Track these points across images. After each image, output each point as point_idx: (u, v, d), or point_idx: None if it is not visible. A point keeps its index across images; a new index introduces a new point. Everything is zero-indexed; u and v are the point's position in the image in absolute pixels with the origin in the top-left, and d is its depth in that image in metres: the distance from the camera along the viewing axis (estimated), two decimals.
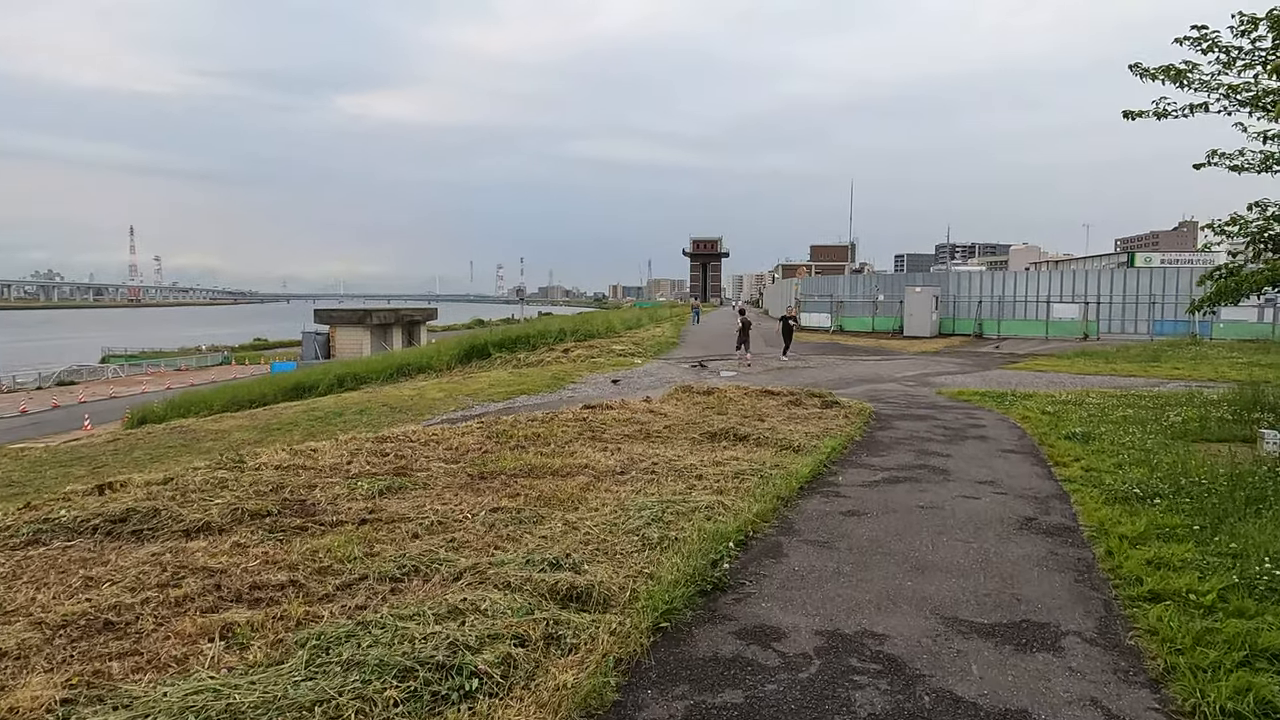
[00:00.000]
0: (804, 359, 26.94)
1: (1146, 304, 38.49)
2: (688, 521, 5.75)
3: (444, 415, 16.18)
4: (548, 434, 9.28)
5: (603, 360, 25.83)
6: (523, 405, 17.25)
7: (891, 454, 9.25)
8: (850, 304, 44.06)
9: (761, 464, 7.79)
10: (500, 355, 28.96)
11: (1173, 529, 5.86)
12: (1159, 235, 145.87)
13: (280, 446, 8.31)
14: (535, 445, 8.66)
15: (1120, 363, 24.99)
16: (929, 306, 38.31)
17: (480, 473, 7.26)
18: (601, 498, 6.43)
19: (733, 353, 28.80)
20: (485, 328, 54.94)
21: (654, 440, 9.10)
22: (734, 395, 12.92)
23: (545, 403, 17.41)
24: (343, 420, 16.32)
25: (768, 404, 12.40)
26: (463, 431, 9.31)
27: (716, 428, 9.65)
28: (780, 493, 6.79)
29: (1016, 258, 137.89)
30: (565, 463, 7.65)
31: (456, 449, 8.34)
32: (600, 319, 38.36)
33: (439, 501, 6.24)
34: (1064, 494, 7.32)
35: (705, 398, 12.66)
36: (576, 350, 28.18)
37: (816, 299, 46.43)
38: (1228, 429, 10.54)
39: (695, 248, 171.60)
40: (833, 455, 8.80)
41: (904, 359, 27.24)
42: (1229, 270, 13.31)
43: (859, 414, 12.23)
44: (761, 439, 9.11)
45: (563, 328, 32.63)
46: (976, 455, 9.31)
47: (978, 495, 7.21)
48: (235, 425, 16.53)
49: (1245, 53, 9.42)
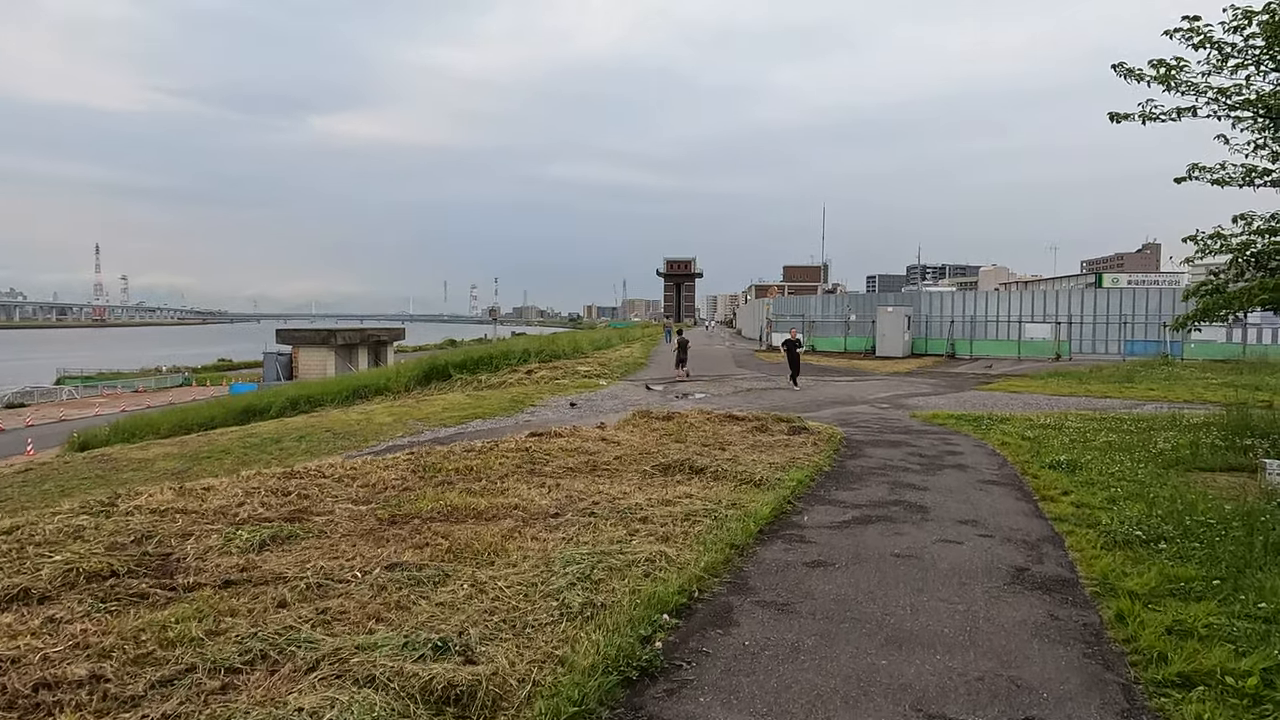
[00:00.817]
0: (774, 380, 26.16)
1: (1117, 324, 38.31)
2: (621, 580, 4.81)
3: (389, 442, 15.12)
4: (482, 467, 8.31)
5: (567, 382, 24.87)
6: (475, 430, 16.23)
7: (863, 487, 8.38)
8: (822, 324, 43.52)
9: (717, 502, 6.88)
10: (461, 377, 27.87)
11: (1188, 583, 5.03)
12: (1124, 257, 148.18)
13: (169, 484, 7.26)
14: (465, 481, 7.68)
15: (1094, 383, 24.49)
16: (901, 326, 37.82)
17: (392, 516, 6.27)
18: (525, 548, 5.48)
19: (702, 374, 27.96)
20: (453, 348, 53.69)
21: (600, 474, 8.15)
22: (695, 421, 12.02)
23: (499, 427, 16.41)
24: (279, 447, 15.19)
25: (731, 430, 11.51)
26: (387, 464, 8.31)
27: (671, 459, 8.73)
28: (735, 539, 5.88)
29: (986, 278, 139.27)
30: (493, 503, 6.68)
31: (373, 486, 7.34)
32: (567, 339, 37.38)
33: (329, 555, 5.25)
34: (1056, 536, 6.47)
35: (664, 424, 11.75)
36: (541, 372, 27.18)
37: (788, 319, 45.82)
38: (1222, 457, 9.82)
39: (669, 268, 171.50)
40: (798, 490, 7.91)
41: (877, 380, 26.57)
42: (1214, 287, 12.72)
43: (829, 441, 11.38)
44: (720, 472, 8.20)
45: (527, 348, 31.61)
46: (956, 488, 8.48)
47: (960, 539, 6.34)
48: (163, 453, 15.33)
49: (1238, 50, 8.79)
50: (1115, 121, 9.71)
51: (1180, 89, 9.34)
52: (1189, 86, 9.33)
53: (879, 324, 38.32)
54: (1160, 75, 9.40)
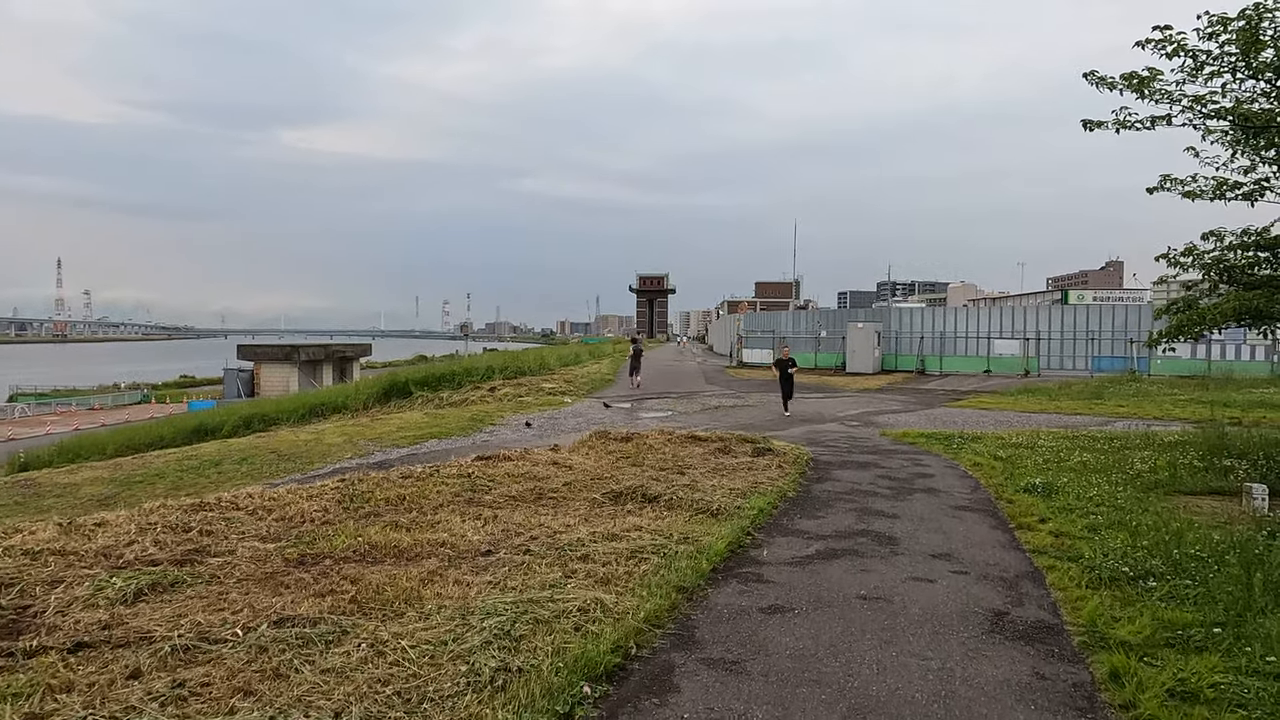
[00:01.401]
0: (744, 396, 25.65)
1: (1084, 340, 38.39)
2: (547, 636, 4.17)
3: (335, 464, 14.33)
4: (418, 495, 7.62)
5: (530, 400, 24.15)
6: (428, 451, 15.49)
7: (829, 515, 7.81)
8: (793, 340, 43.17)
9: (668, 536, 6.25)
10: (422, 394, 27.02)
11: (1185, 629, 4.50)
12: (1088, 274, 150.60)
13: (56, 519, 6.51)
14: (395, 512, 6.99)
15: (1064, 400, 24.28)
16: (871, 343, 37.59)
17: (301, 556, 5.57)
18: (445, 594, 4.81)
19: (670, 391, 27.39)
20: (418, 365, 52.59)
21: (545, 503, 7.50)
22: (655, 442, 11.40)
23: (453, 448, 15.67)
24: (218, 471, 14.33)
25: (692, 452, 10.90)
26: (311, 494, 7.58)
27: (625, 485, 8.09)
28: (684, 579, 5.26)
29: (955, 295, 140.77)
30: (419, 539, 6.00)
31: (290, 520, 6.63)
32: (533, 356, 36.65)
33: (213, 607, 4.55)
34: (1036, 571, 5.93)
35: (622, 445, 11.12)
36: (504, 389, 26.43)
37: (759, 335, 45.51)
38: (1202, 479, 9.39)
39: (642, 284, 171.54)
40: (759, 519, 7.31)
41: (847, 396, 26.17)
42: (1186, 303, 12.40)
43: (795, 462, 10.82)
44: (675, 500, 7.58)
45: (491, 365, 30.82)
46: (927, 515, 7.93)
47: (933, 576, 5.77)
48: (92, 477, 14.39)
49: (1212, 58, 8.44)
50: (1089, 129, 9.33)
51: (1154, 97, 8.99)
52: (1163, 95, 8.97)
53: (849, 340, 38.07)
54: (1133, 85, 9.05)
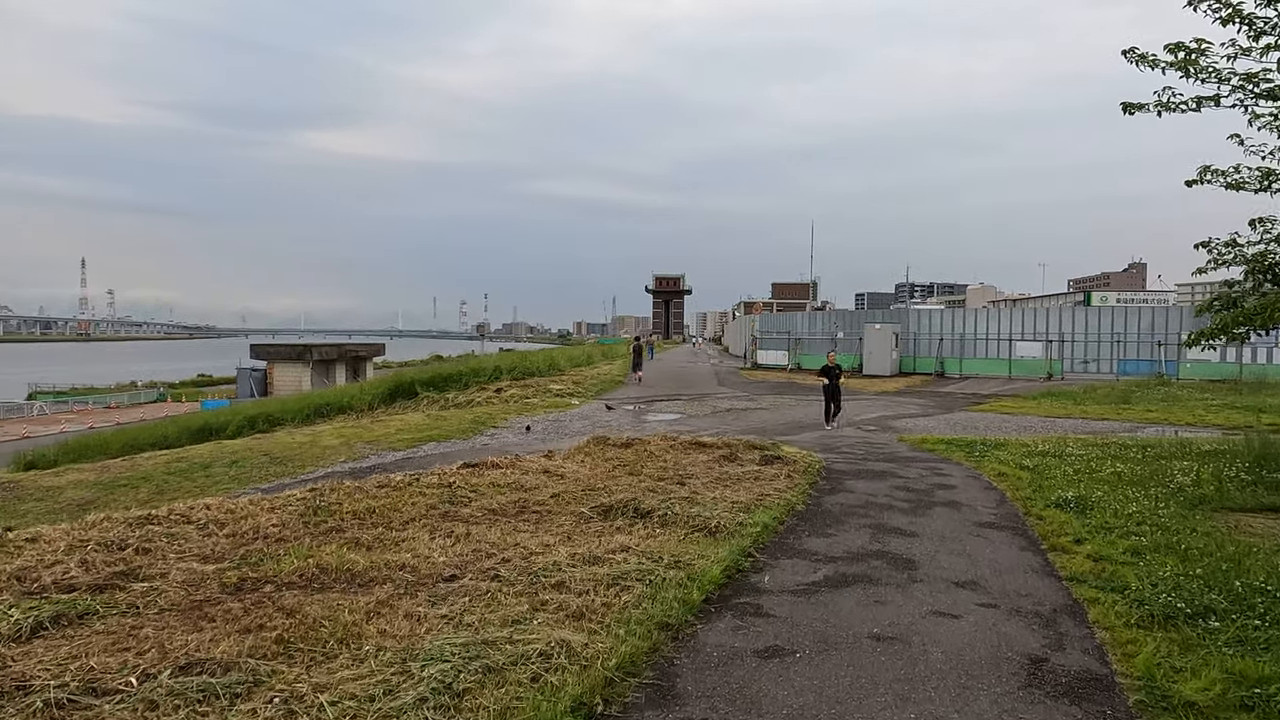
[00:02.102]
0: (757, 399, 24.92)
1: (1109, 343, 37.35)
2: (498, 689, 3.50)
3: (327, 468, 13.76)
4: (389, 507, 6.98)
5: (536, 401, 23.54)
6: (425, 455, 14.89)
7: (840, 533, 7.10)
8: (809, 341, 42.38)
9: (657, 559, 5.57)
10: (428, 395, 26.48)
11: (1263, 685, 3.77)
12: (1110, 276, 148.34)
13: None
14: (360, 527, 6.36)
15: (1090, 404, 23.35)
16: (889, 344, 36.70)
17: (240, 580, 4.95)
18: (390, 632, 4.16)
19: (681, 393, 26.72)
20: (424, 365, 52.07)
21: (527, 518, 6.84)
22: (656, 448, 10.72)
23: (451, 451, 15.07)
24: (207, 474, 13.81)
25: (695, 460, 10.20)
26: (274, 505, 6.97)
27: (617, 498, 7.41)
28: (670, 614, 4.58)
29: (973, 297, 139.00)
30: (378, 560, 5.36)
31: (241, 536, 6.01)
32: (542, 356, 36.05)
33: (119, 646, 3.92)
34: (1076, 605, 5.20)
35: (621, 452, 10.44)
36: (511, 390, 25.84)
37: (774, 336, 44.71)
38: (1252, 494, 8.58)
39: (658, 285, 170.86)
40: (762, 538, 6.61)
41: (863, 400, 25.36)
42: (1229, 300, 11.59)
43: (805, 471, 10.10)
44: (670, 515, 6.89)
45: (498, 365, 30.24)
46: (949, 533, 7.20)
47: (957, 610, 5.06)
48: (76, 480, 13.90)
49: (1273, 27, 7.64)
50: (1129, 113, 8.56)
51: (1201, 75, 8.21)
52: (1211, 73, 8.19)
53: (866, 341, 37.19)
54: (1178, 61, 8.26)
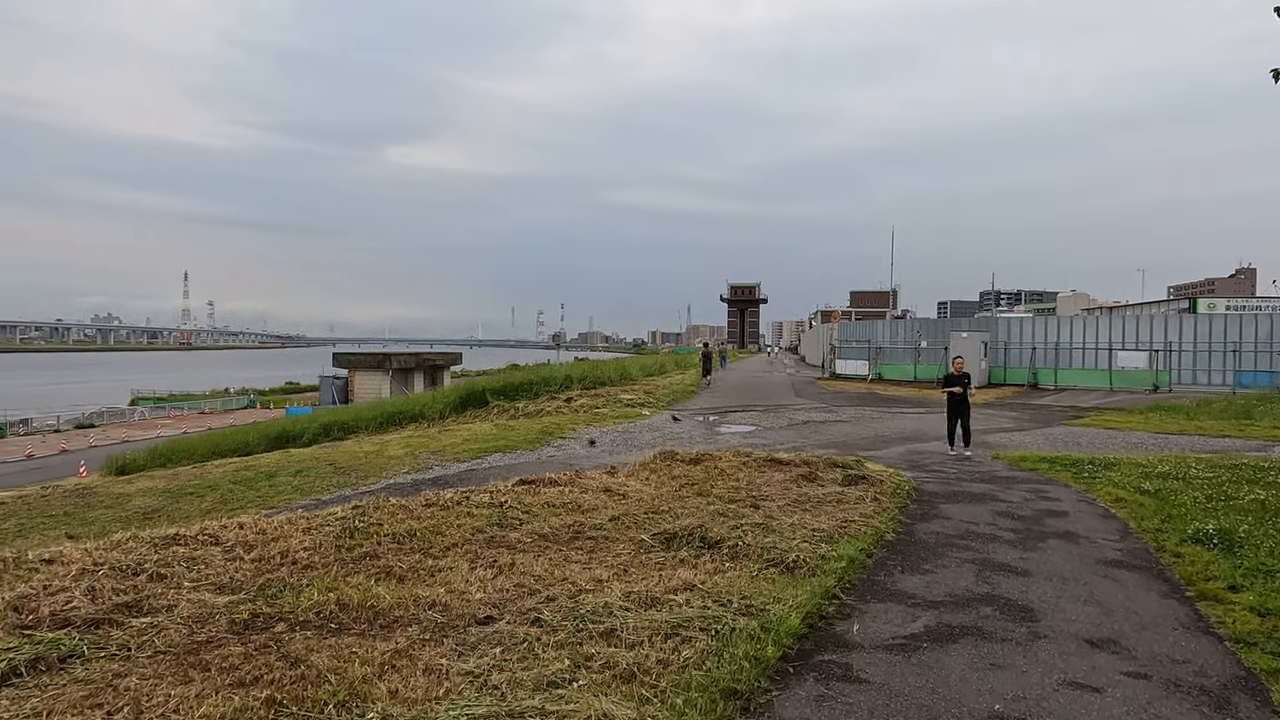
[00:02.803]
0: (836, 410, 23.75)
1: (1222, 353, 34.63)
2: None
3: (389, 480, 13.41)
4: (432, 530, 6.39)
5: (606, 411, 22.94)
6: (489, 466, 14.42)
7: (939, 569, 6.16)
8: (890, 350, 40.74)
9: (726, 602, 4.78)
10: (498, 404, 26.20)
11: None
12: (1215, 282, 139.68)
13: (10, 551, 5.56)
14: (397, 553, 5.77)
15: (1205, 419, 21.36)
16: (977, 354, 34.84)
17: (251, 617, 4.38)
18: (403, 693, 3.49)
19: (755, 404, 25.77)
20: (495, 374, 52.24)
21: (581, 545, 6.13)
22: (728, 465, 9.88)
23: (517, 463, 14.56)
24: (272, 484, 13.63)
25: (770, 479, 9.33)
26: (310, 525, 6.45)
27: (682, 523, 6.64)
28: (739, 677, 3.78)
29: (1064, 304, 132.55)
30: (407, 596, 4.74)
31: (267, 560, 5.50)
32: (613, 366, 35.50)
33: (90, 702, 3.35)
34: (1252, 679, 4.16)
35: (689, 469, 9.65)
36: (581, 400, 25.34)
37: (854, 345, 43.15)
38: None
39: (733, 293, 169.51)
40: (847, 575, 5.74)
41: None
42: None
43: (894, 493, 9.12)
44: (742, 546, 6.08)
45: (569, 374, 29.81)
46: (1070, 573, 6.17)
47: (1097, 681, 4.09)
48: (145, 488, 13.92)
49: None
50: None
51: None
52: None
53: (952, 350, 35.35)
54: None
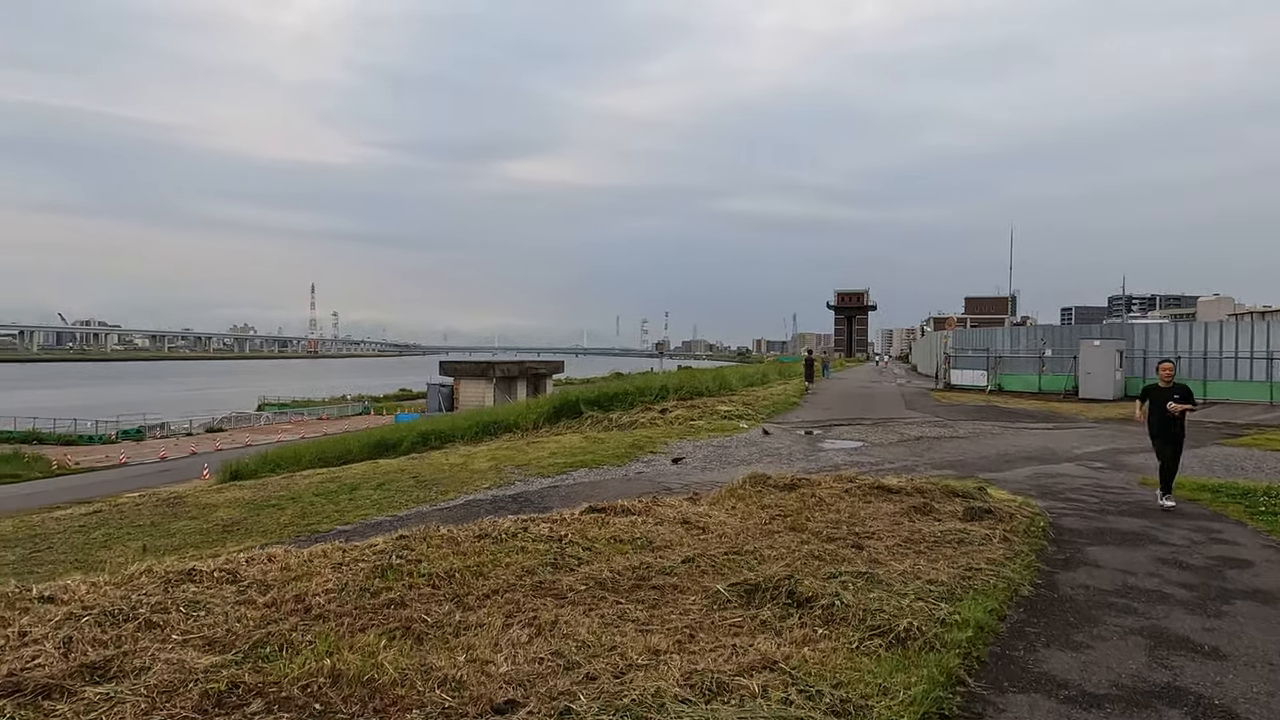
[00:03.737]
0: (951, 425, 21.89)
1: None
2: None
3: (467, 495, 12.80)
4: (474, 570, 5.54)
5: (701, 423, 21.88)
6: (573, 483, 13.65)
7: (1096, 643, 4.85)
8: (1011, 360, 37.92)
9: (815, 692, 3.68)
10: (592, 414, 25.58)
11: None
12: None
13: (13, 587, 5.06)
14: (428, 599, 4.94)
15: None
16: (1112, 363, 31.86)
17: (229, 687, 3.61)
18: None
19: (862, 417, 24.15)
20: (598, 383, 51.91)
21: (643, 596, 5.13)
22: (828, 493, 8.67)
23: (602, 480, 13.73)
24: (352, 497, 13.28)
25: (878, 510, 8.07)
26: (343, 559, 5.72)
27: (767, 571, 5.55)
28: None
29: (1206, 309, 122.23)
30: (418, 664, 3.87)
31: (278, 606, 4.76)
32: (712, 375, 34.36)
33: None
34: None
35: (783, 496, 8.50)
36: (676, 411, 24.37)
37: (970, 354, 40.47)
38: None
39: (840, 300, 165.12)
40: (974, 649, 4.52)
41: (1083, 428, 21.62)
42: None
43: (1026, 531, 7.71)
44: (838, 605, 4.94)
45: (665, 384, 28.91)
46: (1276, 654, 4.75)
47: None
48: (232, 498, 13.83)
49: None
50: None
51: None
52: None
53: (1083, 360, 32.52)
54: None
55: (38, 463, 42.99)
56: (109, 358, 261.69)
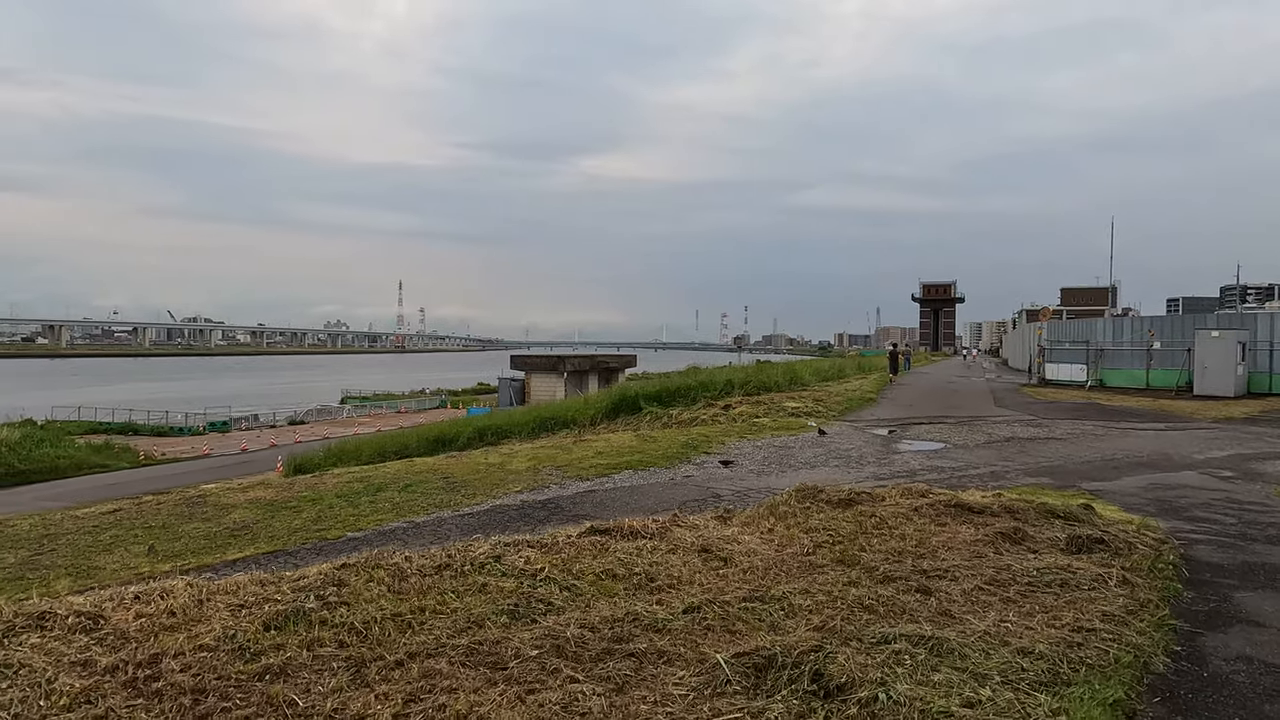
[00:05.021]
0: (1047, 425, 19.64)
1: None
2: None
3: (496, 500, 11.61)
4: (406, 619, 4.23)
5: (765, 421, 20.24)
6: (614, 486, 12.32)
7: None
8: (1114, 353, 34.78)
9: None
10: (651, 410, 24.22)
11: None
12: None
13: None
14: (317, 668, 3.65)
15: None
16: (1232, 357, 28.62)
17: None
18: None
19: (946, 415, 22.06)
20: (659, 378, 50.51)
21: (611, 670, 3.71)
22: (892, 511, 7.04)
23: (645, 484, 12.36)
24: (374, 501, 12.28)
25: (955, 535, 6.43)
26: (250, 598, 4.50)
27: (790, 639, 4.06)
28: None
29: None
30: None
31: (113, 674, 3.57)
32: (782, 369, 32.52)
33: None
34: None
35: (836, 515, 6.93)
36: (740, 407, 22.77)
37: (1067, 347, 37.38)
38: None
39: (925, 293, 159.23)
40: None
41: (1201, 429, 19.07)
42: None
43: (1150, 569, 5.97)
44: (882, 700, 3.42)
45: (730, 379, 27.31)
46: None
47: None
48: (252, 499, 13.00)
49: None
50: None
51: None
52: None
53: (1199, 352, 29.35)
54: None
55: (125, 453, 44.30)
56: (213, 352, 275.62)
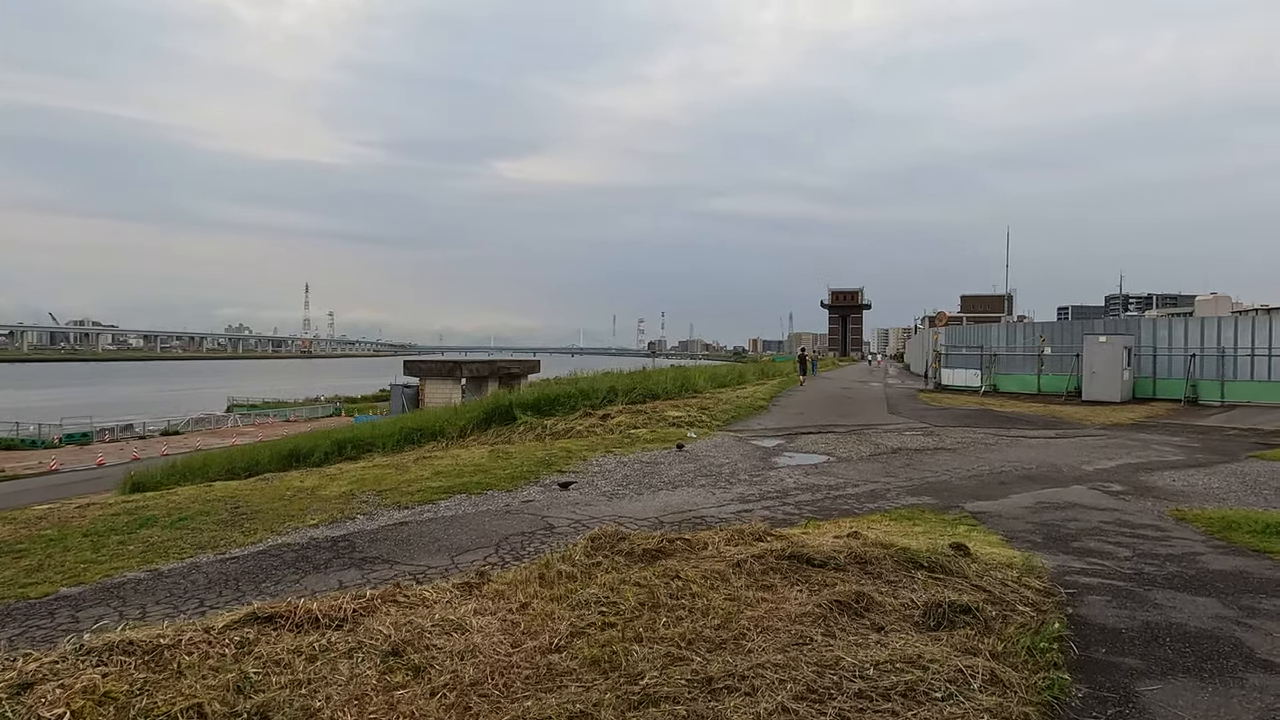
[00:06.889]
0: (937, 433, 18.60)
1: None
2: None
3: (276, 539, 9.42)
4: None
5: (643, 432, 18.54)
6: (439, 516, 10.25)
7: None
8: (1007, 358, 34.69)
9: None
10: (526, 420, 22.21)
11: None
12: None
13: None
14: None
15: None
16: (1120, 361, 28.62)
17: None
18: None
19: (837, 423, 20.85)
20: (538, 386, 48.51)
21: None
22: (710, 569, 5.27)
23: (478, 512, 10.36)
24: (125, 541, 9.90)
25: (780, 605, 4.72)
26: None
27: None
28: None
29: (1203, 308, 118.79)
30: None
31: None
32: (672, 375, 31.03)
33: None
34: None
35: (633, 574, 5.12)
36: (620, 417, 21.03)
37: (963, 352, 37.21)
38: None
39: (834, 299, 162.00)
40: None
41: (1090, 436, 18.35)
42: None
43: (1026, 652, 4.43)
44: None
45: (613, 386, 25.58)
46: None
47: None
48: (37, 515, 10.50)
49: None
50: None
51: None
52: None
53: (1088, 358, 29.26)
54: None
55: None
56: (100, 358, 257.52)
